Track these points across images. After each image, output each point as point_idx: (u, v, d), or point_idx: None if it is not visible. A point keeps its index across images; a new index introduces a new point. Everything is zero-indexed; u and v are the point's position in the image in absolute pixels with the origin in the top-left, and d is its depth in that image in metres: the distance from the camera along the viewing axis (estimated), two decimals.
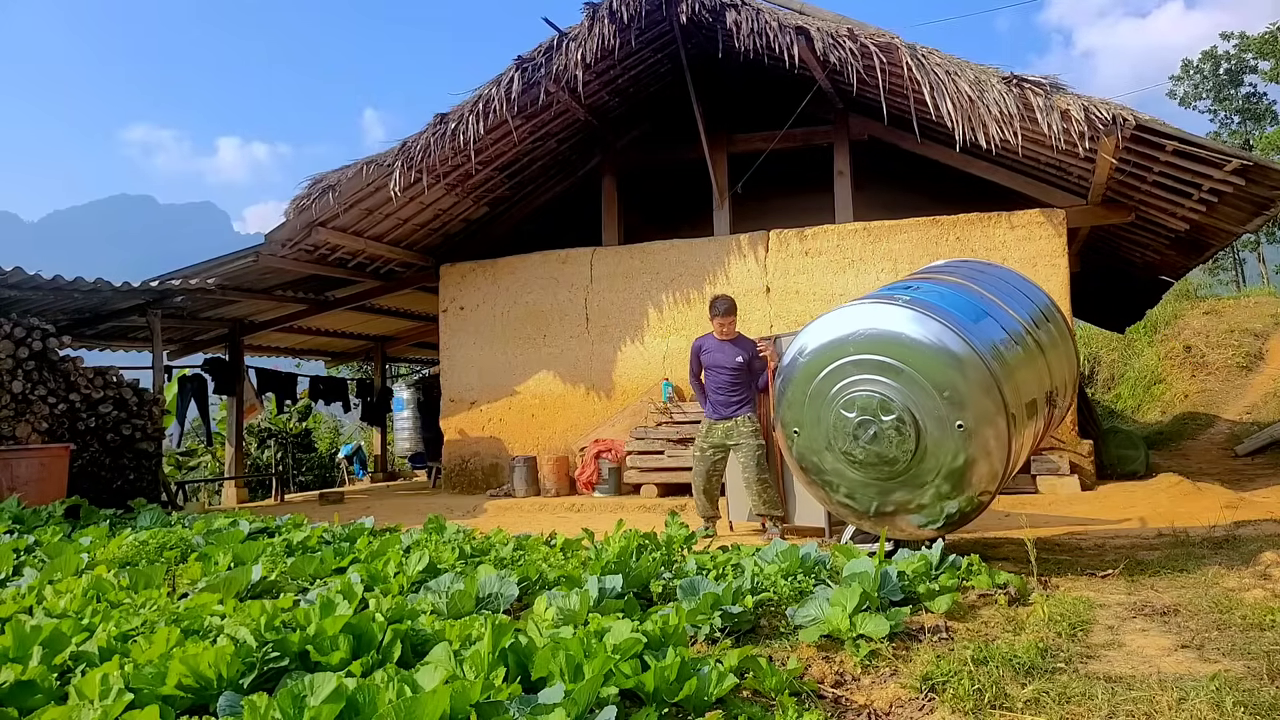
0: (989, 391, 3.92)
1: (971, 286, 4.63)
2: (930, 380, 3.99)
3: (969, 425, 3.93)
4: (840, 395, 4.23)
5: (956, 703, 2.41)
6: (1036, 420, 4.35)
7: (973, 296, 4.48)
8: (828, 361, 4.30)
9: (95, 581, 3.66)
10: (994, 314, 4.38)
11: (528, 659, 2.40)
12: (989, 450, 3.96)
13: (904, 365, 4.06)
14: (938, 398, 3.97)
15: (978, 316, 4.25)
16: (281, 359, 16.53)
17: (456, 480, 11.08)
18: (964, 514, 4.21)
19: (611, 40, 8.64)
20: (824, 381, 4.30)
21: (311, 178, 9.56)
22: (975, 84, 7.60)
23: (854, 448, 4.20)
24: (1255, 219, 8.22)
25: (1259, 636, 2.96)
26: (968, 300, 4.41)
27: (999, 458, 3.96)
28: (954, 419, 3.95)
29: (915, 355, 4.04)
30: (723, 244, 10.16)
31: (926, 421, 4.00)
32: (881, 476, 4.19)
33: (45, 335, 8.06)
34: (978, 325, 4.15)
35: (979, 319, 4.23)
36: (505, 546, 4.59)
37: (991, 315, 4.35)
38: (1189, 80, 33.19)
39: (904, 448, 4.06)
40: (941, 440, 3.99)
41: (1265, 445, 11.85)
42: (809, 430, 4.40)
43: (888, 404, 4.07)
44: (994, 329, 4.22)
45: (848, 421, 4.19)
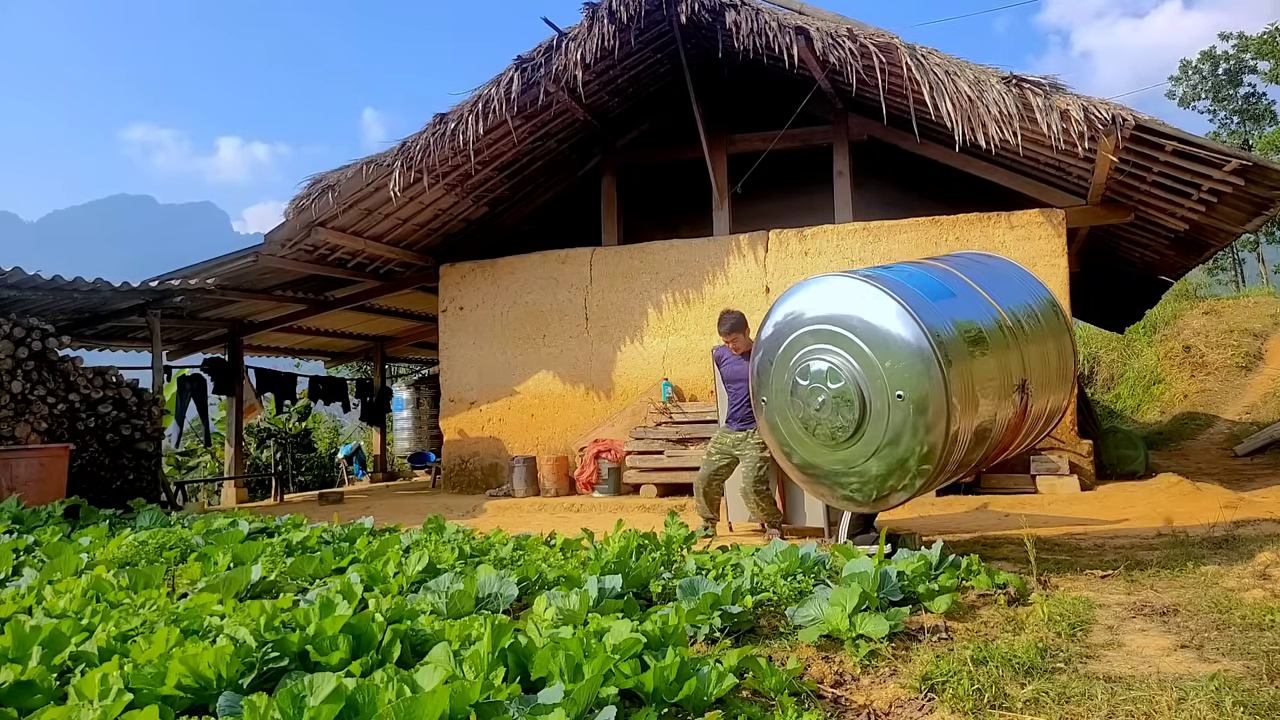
0: (929, 368, 3.96)
1: (952, 271, 4.70)
2: (874, 352, 4.10)
3: (907, 398, 4.01)
4: (798, 364, 4.38)
5: (956, 703, 2.41)
6: (998, 408, 4.34)
7: (946, 280, 4.55)
8: (790, 331, 4.45)
9: (95, 582, 3.66)
10: (963, 298, 4.44)
11: (527, 659, 2.40)
12: (928, 427, 4.00)
13: (853, 336, 4.18)
14: (880, 369, 4.07)
15: (939, 297, 4.31)
16: (281, 359, 16.52)
17: (456, 480, 11.08)
18: (898, 490, 4.26)
19: (611, 40, 8.64)
20: (786, 351, 4.45)
21: (311, 178, 9.57)
22: (975, 84, 7.60)
23: (807, 415, 4.33)
24: (1254, 219, 8.22)
25: (1258, 636, 2.96)
26: (937, 283, 4.47)
27: (938, 436, 4.00)
28: (894, 390, 4.04)
29: (863, 327, 4.16)
30: (722, 244, 10.16)
31: (870, 393, 4.12)
32: (830, 444, 4.31)
33: (45, 335, 8.06)
34: (936, 304, 4.21)
35: (940, 299, 4.29)
36: (505, 546, 4.59)
37: (959, 298, 4.40)
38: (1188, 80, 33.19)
39: (848, 417, 4.17)
40: (882, 412, 4.09)
41: (1264, 445, 11.85)
42: (775, 398, 4.54)
43: (835, 373, 4.20)
44: (956, 311, 4.27)
45: (801, 389, 4.34)
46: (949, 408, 3.96)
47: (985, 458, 4.63)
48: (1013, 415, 4.47)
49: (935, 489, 4.66)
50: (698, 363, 9.87)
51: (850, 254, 9.69)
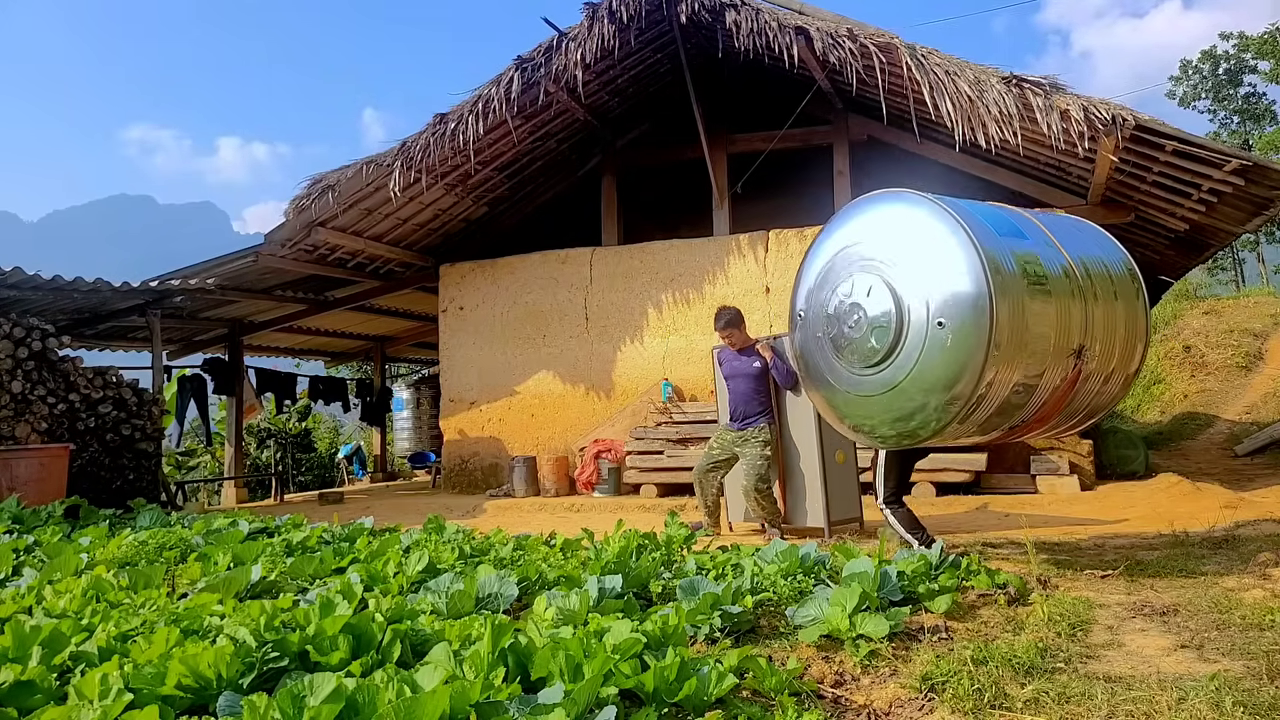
0: (978, 299, 3.64)
1: (1026, 216, 4.34)
2: (922, 274, 3.81)
3: (948, 328, 3.70)
4: (842, 279, 4.10)
5: (956, 703, 2.41)
6: (1047, 367, 3.90)
7: (1017, 221, 4.18)
8: (843, 244, 4.18)
9: (95, 582, 3.66)
10: (1032, 241, 4.05)
11: (527, 659, 2.40)
12: (962, 365, 3.68)
13: (906, 255, 3.89)
14: (925, 293, 3.78)
15: (1008, 233, 3.96)
16: (281, 359, 16.53)
17: (456, 480, 11.08)
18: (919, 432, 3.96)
19: (611, 40, 8.65)
20: (834, 264, 4.18)
21: (311, 178, 9.57)
22: (975, 84, 7.60)
23: (840, 334, 4.07)
24: (1255, 219, 8.22)
25: (1258, 636, 2.96)
26: (1008, 221, 4.11)
27: (971, 377, 3.66)
28: (935, 318, 3.74)
29: (919, 246, 3.86)
30: (722, 244, 10.16)
31: (909, 318, 3.82)
32: (858, 370, 4.04)
33: (45, 335, 8.06)
34: (1001, 239, 3.87)
35: (1007, 236, 3.94)
36: (505, 546, 4.59)
37: (1029, 240, 4.03)
38: (1188, 80, 33.20)
39: (881, 340, 3.89)
40: (917, 341, 3.78)
41: (1265, 445, 11.85)
42: (811, 315, 4.29)
43: (877, 292, 3.92)
44: (1019, 248, 3.90)
45: (841, 306, 4.07)
46: (989, 347, 3.61)
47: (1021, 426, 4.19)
48: (1061, 383, 4.02)
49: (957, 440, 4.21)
50: (698, 363, 9.87)
51: None
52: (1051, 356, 3.90)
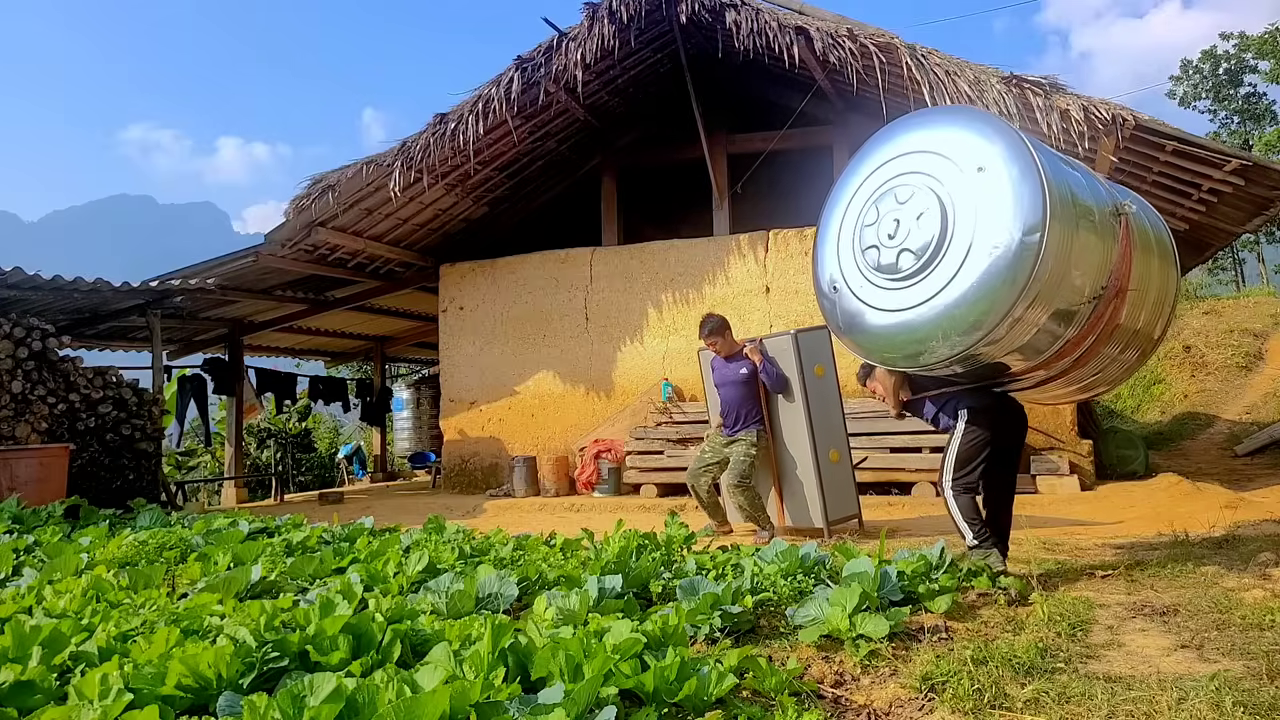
0: (1035, 211, 3.42)
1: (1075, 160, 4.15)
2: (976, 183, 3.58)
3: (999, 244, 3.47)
4: (886, 185, 3.89)
5: (956, 703, 2.41)
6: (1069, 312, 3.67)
7: (1067, 160, 3.96)
8: (889, 154, 3.99)
9: (95, 582, 3.66)
10: (1082, 174, 3.87)
11: (527, 659, 2.40)
12: (1009, 283, 3.43)
13: (958, 162, 3.66)
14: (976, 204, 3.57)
15: (1057, 161, 3.78)
16: (281, 359, 16.53)
17: (456, 480, 11.08)
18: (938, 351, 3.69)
19: (611, 40, 8.65)
20: (877, 173, 4.00)
21: (311, 178, 9.58)
22: (975, 84, 7.60)
23: (877, 241, 3.82)
24: (1255, 219, 8.23)
25: (1259, 636, 2.96)
26: (1056, 154, 3.91)
27: (1014, 296, 3.43)
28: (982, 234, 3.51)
29: (973, 154, 3.62)
30: (722, 244, 10.16)
31: (954, 229, 3.58)
32: (891, 282, 3.78)
33: (45, 335, 8.06)
34: (1054, 164, 3.68)
35: (1057, 162, 3.76)
36: (505, 546, 4.59)
37: (1078, 173, 3.84)
38: (1188, 80, 33.18)
39: (924, 240, 3.63)
40: (958, 255, 3.54)
41: (1265, 445, 11.85)
42: (843, 226, 4.11)
43: (923, 199, 3.70)
44: (1070, 178, 3.71)
45: (881, 212, 3.84)
46: (1035, 268, 3.40)
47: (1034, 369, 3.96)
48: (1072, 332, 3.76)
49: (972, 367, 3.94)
50: (697, 363, 9.86)
51: None
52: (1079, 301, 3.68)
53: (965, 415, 4.25)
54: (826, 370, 6.15)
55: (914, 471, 8.36)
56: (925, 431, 8.43)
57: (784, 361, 6.04)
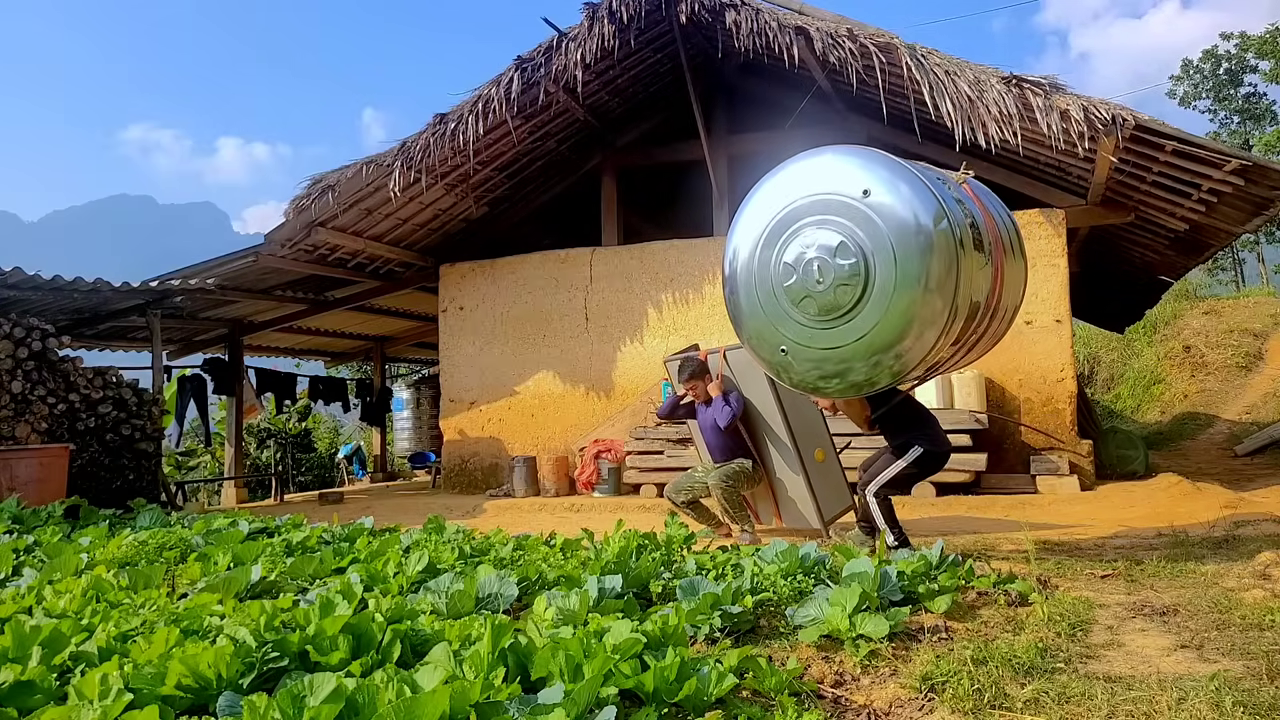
0: (948, 247, 3.73)
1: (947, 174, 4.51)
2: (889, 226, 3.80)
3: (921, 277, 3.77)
4: (797, 236, 4.03)
5: (956, 703, 2.41)
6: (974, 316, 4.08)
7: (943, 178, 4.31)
8: (784, 204, 4.12)
9: (95, 582, 3.66)
10: (965, 200, 4.20)
11: (527, 659, 2.40)
12: (937, 313, 3.75)
13: (865, 207, 3.86)
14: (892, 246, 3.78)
15: (940, 185, 4.08)
16: (281, 359, 16.53)
17: (456, 480, 11.08)
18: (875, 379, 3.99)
19: (611, 40, 8.65)
20: (780, 224, 4.12)
21: (311, 178, 9.58)
22: (975, 84, 7.60)
23: (801, 288, 3.99)
24: (1254, 219, 8.22)
25: (1258, 636, 2.96)
26: (938, 175, 4.25)
27: (941, 321, 3.75)
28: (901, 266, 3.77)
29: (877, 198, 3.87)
30: (722, 244, 10.13)
31: (877, 269, 3.81)
32: (819, 323, 3.98)
33: (45, 335, 8.06)
34: (942, 191, 3.99)
35: (939, 186, 4.05)
36: (505, 546, 4.59)
37: (964, 202, 4.18)
38: (1189, 80, 33.17)
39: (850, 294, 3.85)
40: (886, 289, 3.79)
41: (1265, 445, 11.85)
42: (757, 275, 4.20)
43: (845, 247, 3.87)
44: (958, 207, 4.03)
45: (802, 261, 3.98)
46: (956, 292, 3.73)
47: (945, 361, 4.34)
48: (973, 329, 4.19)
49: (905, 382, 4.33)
50: None
51: None
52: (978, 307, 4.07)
53: (918, 452, 4.93)
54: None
55: None
56: None
57: (751, 373, 5.94)
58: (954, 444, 8.12)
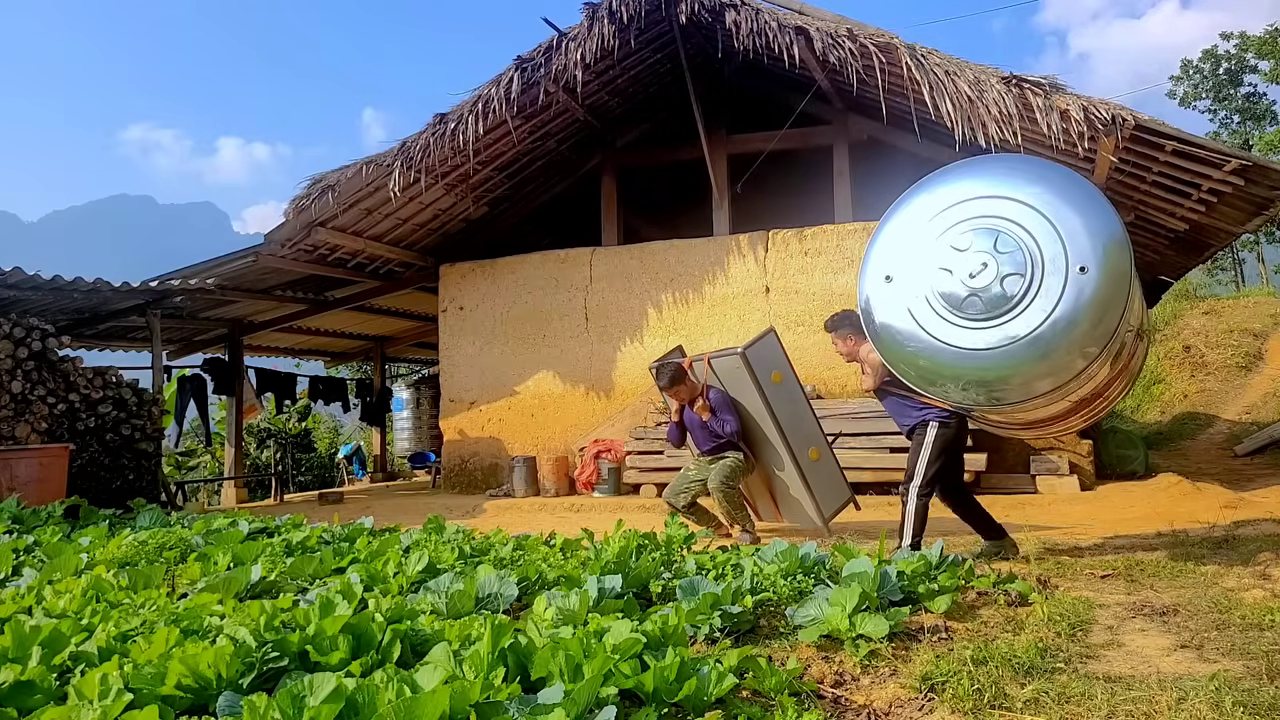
0: (1122, 249, 3.62)
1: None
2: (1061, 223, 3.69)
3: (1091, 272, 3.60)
4: (956, 232, 3.89)
5: (956, 703, 2.41)
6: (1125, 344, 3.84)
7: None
8: (951, 199, 3.99)
9: (95, 582, 3.66)
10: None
11: (527, 659, 2.40)
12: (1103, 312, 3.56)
13: (1035, 204, 3.75)
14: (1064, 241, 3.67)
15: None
16: (281, 359, 16.52)
17: (456, 480, 11.08)
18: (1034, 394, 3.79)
19: (611, 40, 8.65)
20: (939, 220, 3.97)
21: (311, 178, 9.58)
22: (974, 84, 7.60)
23: (957, 287, 3.80)
24: (1255, 219, 8.22)
25: (1258, 636, 2.96)
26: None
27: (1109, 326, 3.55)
28: (1076, 264, 3.62)
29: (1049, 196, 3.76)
30: (722, 244, 10.16)
31: (1044, 265, 3.65)
32: (978, 323, 3.78)
33: (45, 335, 8.06)
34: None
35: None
36: (505, 546, 4.59)
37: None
38: (1189, 80, 33.16)
39: (1013, 289, 3.67)
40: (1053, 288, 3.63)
41: (1265, 445, 11.84)
42: (910, 274, 3.99)
43: (1006, 240, 3.75)
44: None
45: (959, 257, 3.82)
46: (1129, 297, 3.55)
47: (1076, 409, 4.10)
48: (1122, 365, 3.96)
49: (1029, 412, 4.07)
50: None
51: (850, 254, 9.68)
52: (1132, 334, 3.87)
53: (936, 424, 4.62)
54: (785, 374, 6.07)
55: None
56: None
57: (738, 379, 5.95)
58: None
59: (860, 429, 8.58)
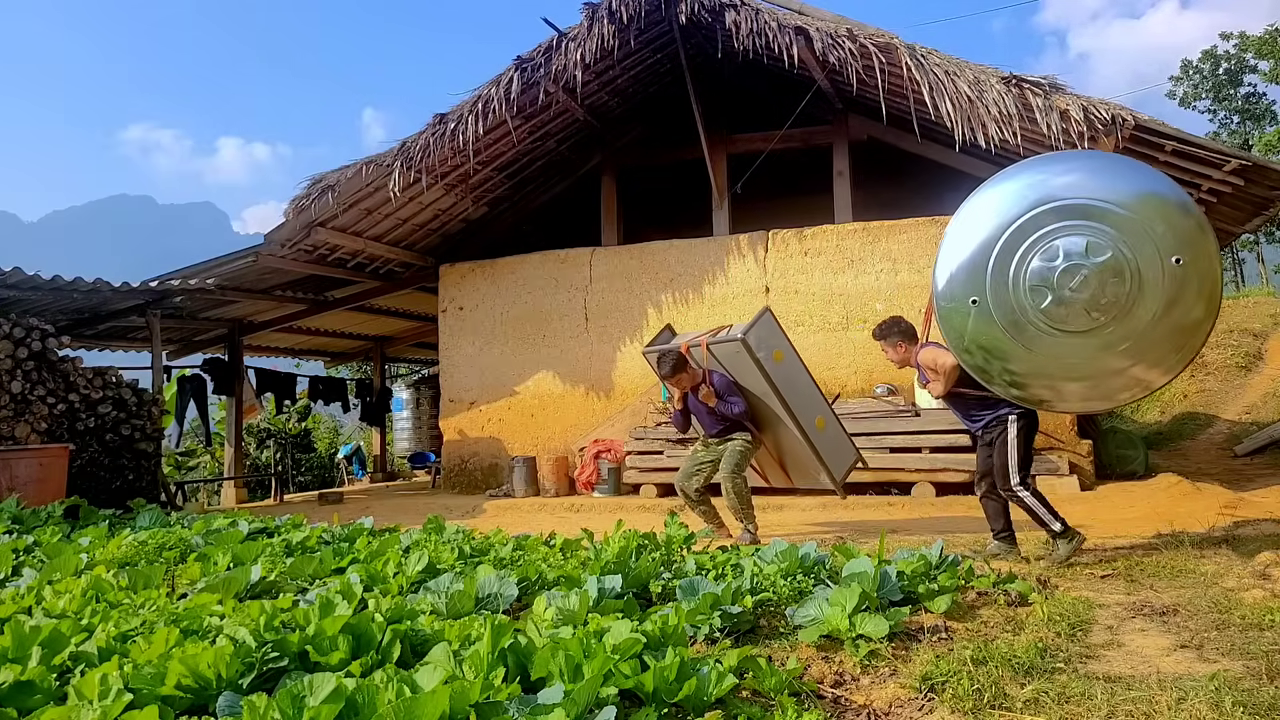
0: (1204, 231, 3.91)
1: None
2: (1144, 219, 3.90)
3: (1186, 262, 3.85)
4: (1039, 247, 4.00)
5: (956, 703, 2.41)
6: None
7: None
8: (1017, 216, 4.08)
9: (94, 582, 3.66)
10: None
11: (527, 659, 2.40)
12: (1206, 295, 3.88)
13: (1114, 206, 3.93)
14: (1153, 236, 3.88)
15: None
16: (281, 359, 16.53)
17: (456, 480, 11.08)
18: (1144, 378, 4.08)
19: (611, 40, 8.65)
20: (1014, 237, 4.06)
21: (311, 178, 9.59)
22: (974, 84, 7.60)
23: (1057, 300, 3.95)
24: (1254, 219, 8.23)
25: (1258, 636, 2.96)
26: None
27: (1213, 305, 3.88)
28: (1169, 255, 3.85)
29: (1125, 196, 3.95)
30: (722, 244, 10.16)
31: (1140, 263, 3.87)
32: (1083, 330, 3.97)
33: (45, 335, 8.06)
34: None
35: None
36: (505, 547, 4.59)
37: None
38: (1188, 80, 33.15)
39: (1117, 291, 3.89)
40: (1156, 282, 3.87)
41: (1264, 445, 11.84)
42: (996, 294, 4.08)
43: (1097, 246, 3.91)
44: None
45: (1049, 271, 3.96)
46: (1220, 275, 3.88)
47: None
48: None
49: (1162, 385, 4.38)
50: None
51: (850, 254, 9.69)
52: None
53: (1015, 418, 4.65)
54: (785, 351, 6.19)
55: (914, 471, 8.36)
56: (925, 431, 8.44)
57: (740, 363, 5.99)
58: (954, 444, 8.24)
59: (860, 429, 8.57)
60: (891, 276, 9.40)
